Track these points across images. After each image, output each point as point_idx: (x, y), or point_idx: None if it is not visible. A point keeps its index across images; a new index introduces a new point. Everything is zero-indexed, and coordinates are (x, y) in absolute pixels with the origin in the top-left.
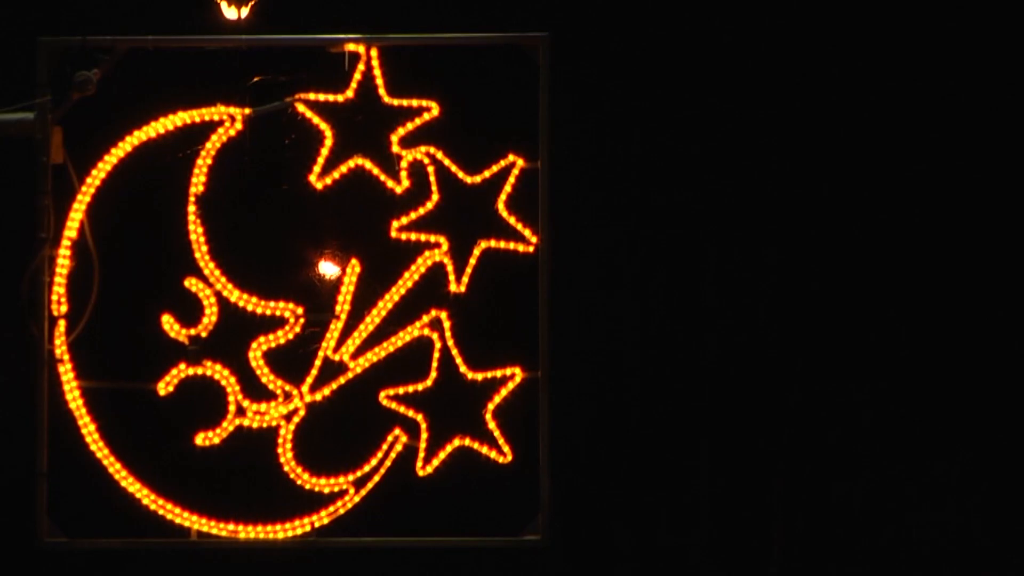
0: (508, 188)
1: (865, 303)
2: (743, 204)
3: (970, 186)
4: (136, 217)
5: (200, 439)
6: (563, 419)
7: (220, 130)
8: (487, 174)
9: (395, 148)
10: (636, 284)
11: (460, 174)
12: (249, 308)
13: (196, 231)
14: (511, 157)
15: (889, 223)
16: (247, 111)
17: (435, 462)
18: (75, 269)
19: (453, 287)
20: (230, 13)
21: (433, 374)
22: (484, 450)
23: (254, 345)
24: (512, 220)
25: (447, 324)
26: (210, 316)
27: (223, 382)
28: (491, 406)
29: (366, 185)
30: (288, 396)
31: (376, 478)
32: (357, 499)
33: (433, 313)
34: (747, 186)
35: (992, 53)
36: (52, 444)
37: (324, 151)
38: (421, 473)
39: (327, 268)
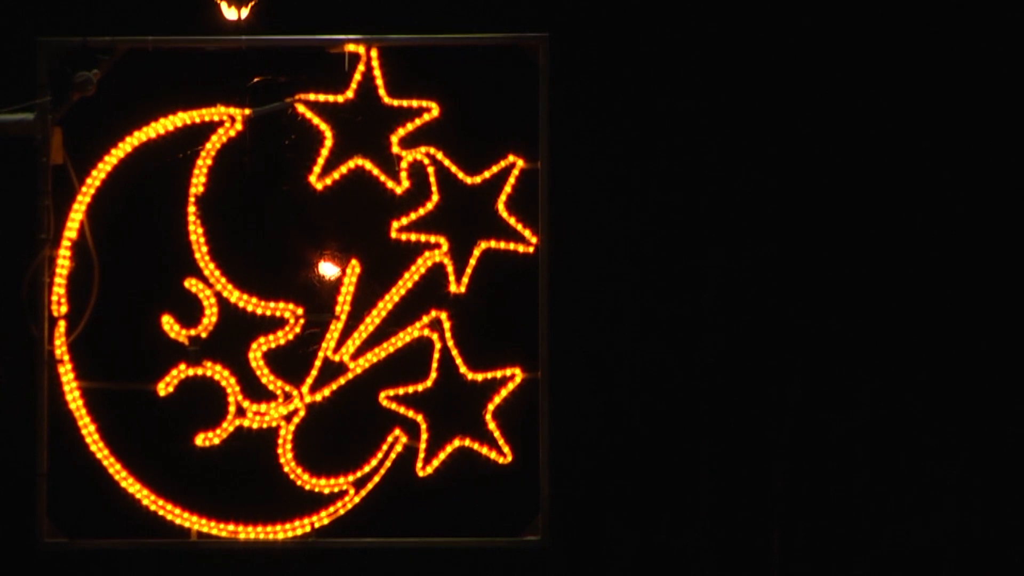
0: (508, 188)
1: (865, 302)
2: (743, 204)
3: (970, 186)
4: (136, 217)
5: (200, 439)
6: (563, 419)
7: (220, 130)
8: (487, 174)
9: (395, 148)
10: (636, 284)
11: (460, 174)
12: (249, 309)
13: (196, 231)
14: (511, 157)
15: (889, 222)
16: (247, 111)
17: (435, 462)
18: (75, 269)
19: (453, 287)
20: (230, 13)
21: (433, 375)
22: (484, 450)
23: (254, 346)
24: (512, 220)
25: (447, 324)
26: (210, 316)
27: (223, 383)
28: (491, 406)
29: (366, 185)
30: (288, 397)
31: (376, 478)
32: (357, 499)
33: (433, 314)
34: (747, 186)
35: (992, 53)
36: (52, 444)
37: (324, 151)
38: (421, 473)
39: (327, 268)
